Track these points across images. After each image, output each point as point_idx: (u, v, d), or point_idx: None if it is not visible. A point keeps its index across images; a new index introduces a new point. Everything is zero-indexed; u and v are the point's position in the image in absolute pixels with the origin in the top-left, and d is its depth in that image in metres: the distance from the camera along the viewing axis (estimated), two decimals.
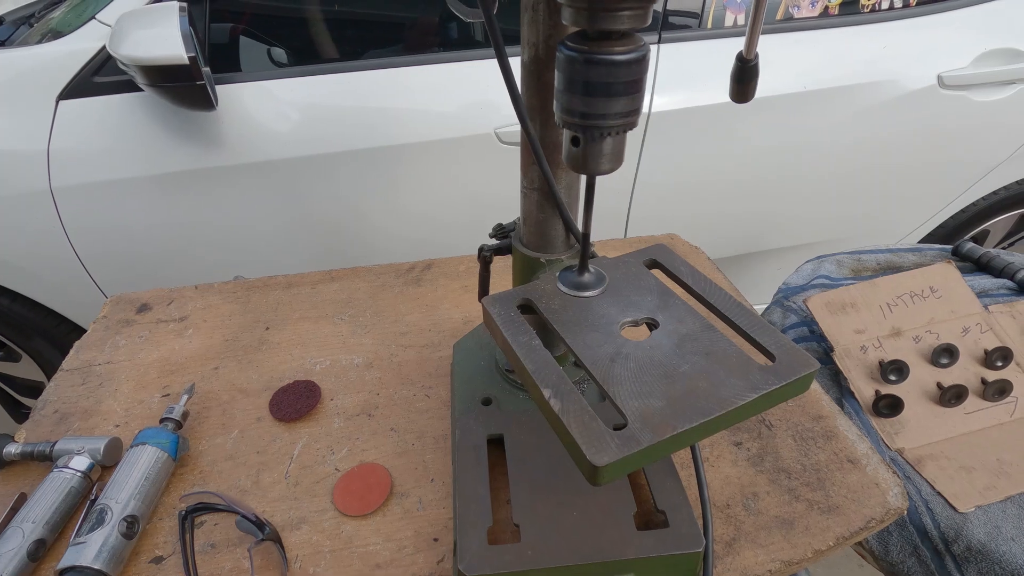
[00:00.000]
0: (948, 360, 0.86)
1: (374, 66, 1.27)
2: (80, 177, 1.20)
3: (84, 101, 1.19)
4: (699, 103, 1.32)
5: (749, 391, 0.42)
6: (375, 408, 0.73)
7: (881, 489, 0.62)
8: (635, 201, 1.44)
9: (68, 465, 0.62)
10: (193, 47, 1.03)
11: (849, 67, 1.36)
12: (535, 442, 0.59)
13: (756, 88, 0.50)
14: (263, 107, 1.24)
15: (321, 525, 0.60)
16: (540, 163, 0.50)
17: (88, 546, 0.54)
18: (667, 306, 0.50)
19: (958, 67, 1.38)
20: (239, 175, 1.25)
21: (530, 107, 0.50)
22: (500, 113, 1.28)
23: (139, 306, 0.91)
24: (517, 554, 0.50)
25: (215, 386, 0.77)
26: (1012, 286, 1.00)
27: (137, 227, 1.26)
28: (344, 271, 0.98)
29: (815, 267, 1.09)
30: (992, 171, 1.55)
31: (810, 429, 0.69)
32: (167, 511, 0.62)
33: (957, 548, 0.70)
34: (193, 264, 1.33)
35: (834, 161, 1.45)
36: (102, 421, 0.72)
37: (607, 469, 0.37)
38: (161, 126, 1.21)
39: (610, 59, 0.35)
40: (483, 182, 1.34)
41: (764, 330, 0.47)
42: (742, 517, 0.60)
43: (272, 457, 0.67)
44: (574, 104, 0.38)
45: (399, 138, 1.27)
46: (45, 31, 1.30)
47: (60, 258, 1.26)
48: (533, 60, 0.48)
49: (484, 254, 0.64)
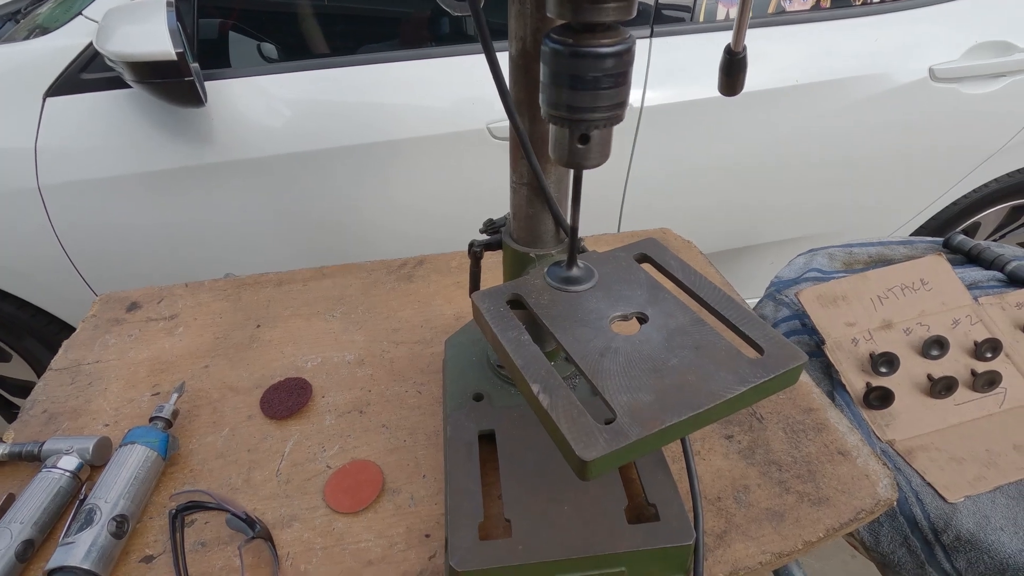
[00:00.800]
0: (938, 352, 0.87)
1: (365, 61, 1.26)
2: (69, 175, 1.19)
3: (72, 98, 1.18)
4: (692, 97, 1.32)
5: (738, 384, 0.42)
6: (367, 405, 0.73)
7: (871, 481, 0.62)
8: (628, 196, 1.43)
9: (57, 465, 0.62)
10: (181, 43, 1.02)
11: (841, 60, 1.36)
12: (527, 437, 0.59)
13: (744, 81, 0.50)
14: (253, 103, 1.23)
15: (312, 522, 0.60)
16: (529, 158, 0.49)
17: (77, 546, 0.53)
18: (657, 300, 0.50)
19: (950, 60, 1.38)
20: (229, 172, 1.24)
21: (518, 101, 0.49)
22: (492, 108, 1.28)
23: (129, 304, 0.90)
24: (508, 549, 0.50)
25: (206, 384, 0.76)
26: (1002, 278, 1.00)
27: (127, 225, 1.25)
28: (336, 268, 0.97)
29: (807, 261, 1.09)
30: (983, 164, 1.56)
31: (801, 422, 0.69)
32: (157, 510, 0.62)
33: (947, 538, 0.71)
34: (183, 262, 1.32)
35: (826, 155, 1.46)
36: (91, 420, 0.72)
37: (595, 464, 0.37)
38: (150, 123, 1.20)
39: (595, 51, 0.35)
40: (476, 178, 1.34)
41: (753, 323, 0.47)
42: (733, 510, 0.60)
43: (263, 455, 0.67)
44: (560, 98, 0.37)
45: (391, 134, 1.26)
46: (32, 27, 1.28)
47: (49, 257, 1.25)
48: (521, 54, 0.47)
49: (474, 249, 0.63)
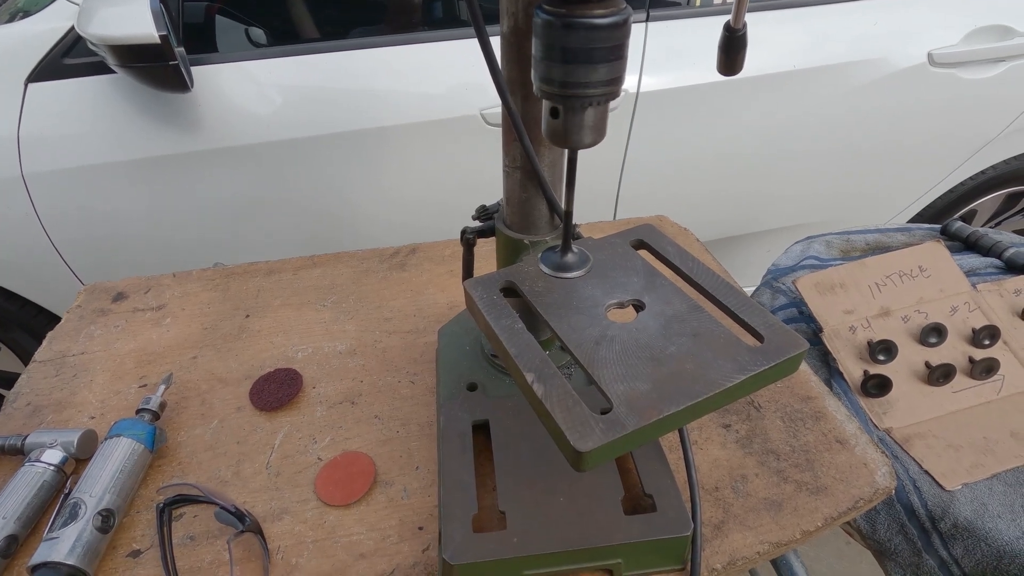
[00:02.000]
0: (936, 339, 0.86)
1: (356, 46, 1.23)
2: (53, 163, 1.16)
3: (54, 84, 1.15)
4: (688, 82, 1.30)
5: (737, 373, 0.41)
6: (358, 396, 0.72)
7: (869, 469, 0.62)
8: (624, 183, 1.42)
9: (40, 459, 0.60)
10: (165, 26, 0.99)
11: (839, 45, 1.34)
12: (521, 428, 0.58)
13: (744, 60, 0.48)
14: (241, 89, 1.20)
15: (304, 515, 0.59)
16: (522, 139, 0.48)
17: (61, 541, 0.52)
18: (654, 287, 0.49)
19: (949, 44, 1.36)
20: (217, 159, 1.22)
21: (510, 81, 0.48)
22: (486, 94, 1.25)
23: (115, 295, 0.89)
24: (503, 541, 0.49)
25: (194, 376, 0.75)
26: (1000, 265, 1.00)
27: (113, 214, 1.23)
28: (327, 256, 0.96)
29: (804, 248, 1.08)
30: (980, 150, 1.55)
31: (799, 410, 0.69)
32: (145, 504, 0.60)
33: (944, 526, 0.71)
34: (171, 251, 1.30)
35: (824, 141, 1.44)
36: (76, 413, 0.70)
37: (591, 455, 0.36)
38: (135, 109, 1.17)
39: (590, 22, 0.33)
40: (469, 164, 1.32)
41: (753, 310, 0.46)
42: (731, 500, 0.59)
43: (253, 447, 0.66)
44: (553, 72, 0.36)
45: (382, 120, 1.24)
46: (12, 10, 1.25)
47: (35, 246, 1.22)
48: (513, 31, 0.45)
49: (467, 236, 0.62)
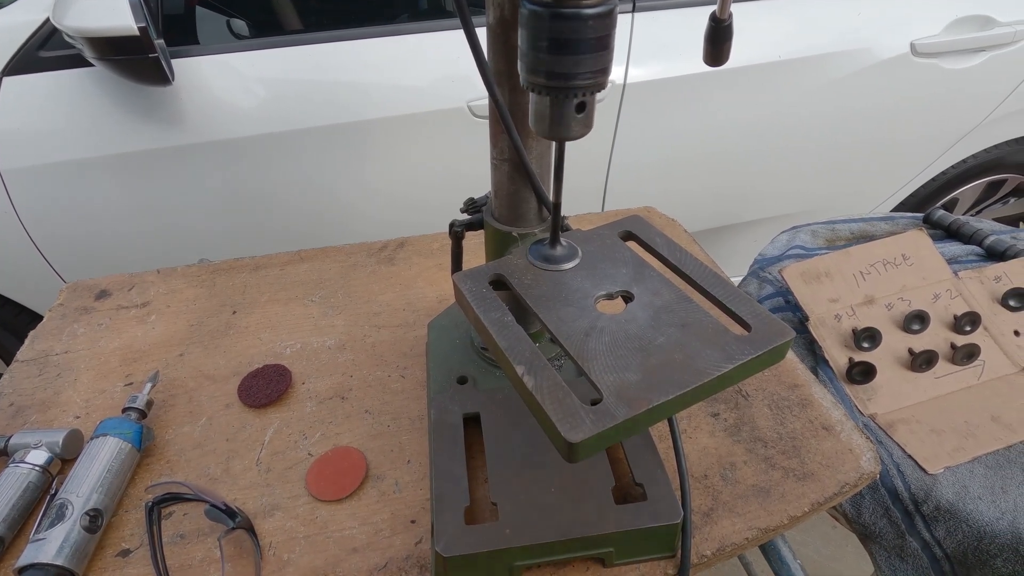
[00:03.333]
0: (919, 326, 0.88)
1: (340, 38, 1.22)
2: (31, 159, 1.13)
3: (30, 77, 1.12)
4: (675, 74, 1.30)
5: (725, 362, 0.41)
6: (348, 391, 0.71)
7: (855, 454, 0.63)
8: (612, 175, 1.42)
9: (25, 460, 0.59)
10: (143, 17, 0.97)
11: (824, 35, 1.35)
12: (512, 420, 0.58)
13: (730, 51, 0.48)
14: (224, 82, 1.18)
15: (295, 511, 0.59)
16: (509, 132, 0.48)
17: (48, 542, 0.52)
18: (642, 278, 0.49)
19: (931, 34, 1.38)
20: (200, 154, 1.20)
21: (497, 72, 0.47)
22: (473, 86, 1.25)
23: (98, 292, 0.87)
24: (495, 533, 0.49)
25: (181, 373, 0.74)
26: (981, 252, 1.01)
27: (95, 210, 1.21)
28: (314, 251, 0.95)
29: (790, 238, 1.09)
30: (962, 139, 1.57)
31: (786, 398, 0.70)
32: (133, 503, 0.60)
33: (927, 508, 0.72)
34: (155, 248, 1.28)
35: (808, 131, 1.45)
36: (61, 413, 0.69)
37: (582, 446, 0.36)
38: (115, 103, 1.14)
39: (576, 12, 0.33)
40: (456, 157, 1.31)
41: (740, 300, 0.47)
42: (719, 487, 0.60)
43: (242, 444, 0.65)
44: (539, 63, 0.35)
45: (368, 113, 1.23)
46: None
47: (14, 244, 1.20)
48: (499, 22, 0.45)
49: (455, 229, 0.62)
